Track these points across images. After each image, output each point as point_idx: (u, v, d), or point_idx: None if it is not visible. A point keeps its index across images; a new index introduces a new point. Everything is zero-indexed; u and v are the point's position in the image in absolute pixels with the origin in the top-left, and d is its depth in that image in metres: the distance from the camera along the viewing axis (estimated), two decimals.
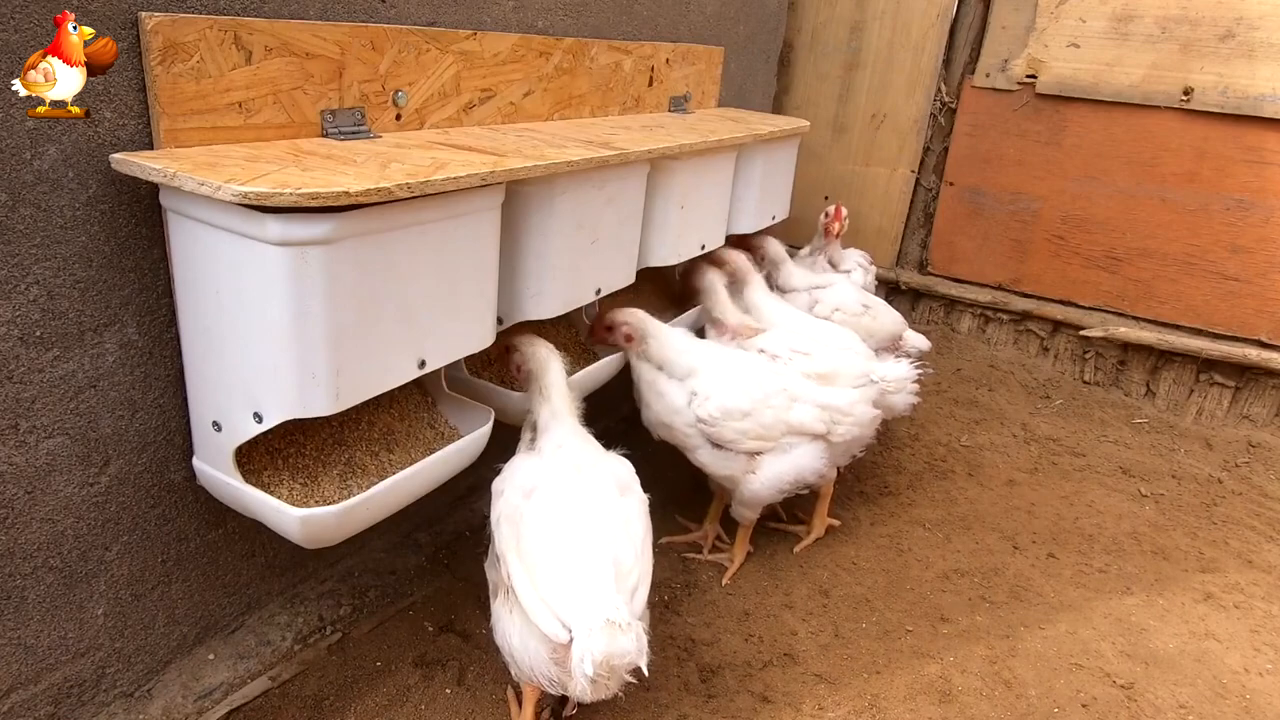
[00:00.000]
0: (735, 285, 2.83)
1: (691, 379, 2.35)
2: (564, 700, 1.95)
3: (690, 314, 2.82)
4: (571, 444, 1.93)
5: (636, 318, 2.42)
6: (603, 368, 2.40)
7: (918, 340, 3.24)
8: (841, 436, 2.38)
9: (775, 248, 3.22)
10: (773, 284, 3.17)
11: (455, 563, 2.43)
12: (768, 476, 2.33)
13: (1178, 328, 3.72)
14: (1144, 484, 3.24)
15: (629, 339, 2.42)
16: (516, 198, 1.93)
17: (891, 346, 3.13)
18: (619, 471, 1.91)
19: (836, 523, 2.77)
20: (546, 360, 2.06)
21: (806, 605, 2.40)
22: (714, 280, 2.76)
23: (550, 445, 1.92)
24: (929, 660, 2.24)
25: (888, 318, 3.12)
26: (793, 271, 3.19)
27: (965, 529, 2.85)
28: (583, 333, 2.58)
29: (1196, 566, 2.75)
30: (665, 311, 2.79)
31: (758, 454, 2.33)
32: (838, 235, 3.42)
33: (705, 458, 2.36)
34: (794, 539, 2.69)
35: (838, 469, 2.64)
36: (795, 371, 2.44)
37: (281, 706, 1.91)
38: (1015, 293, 4.08)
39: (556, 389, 2.03)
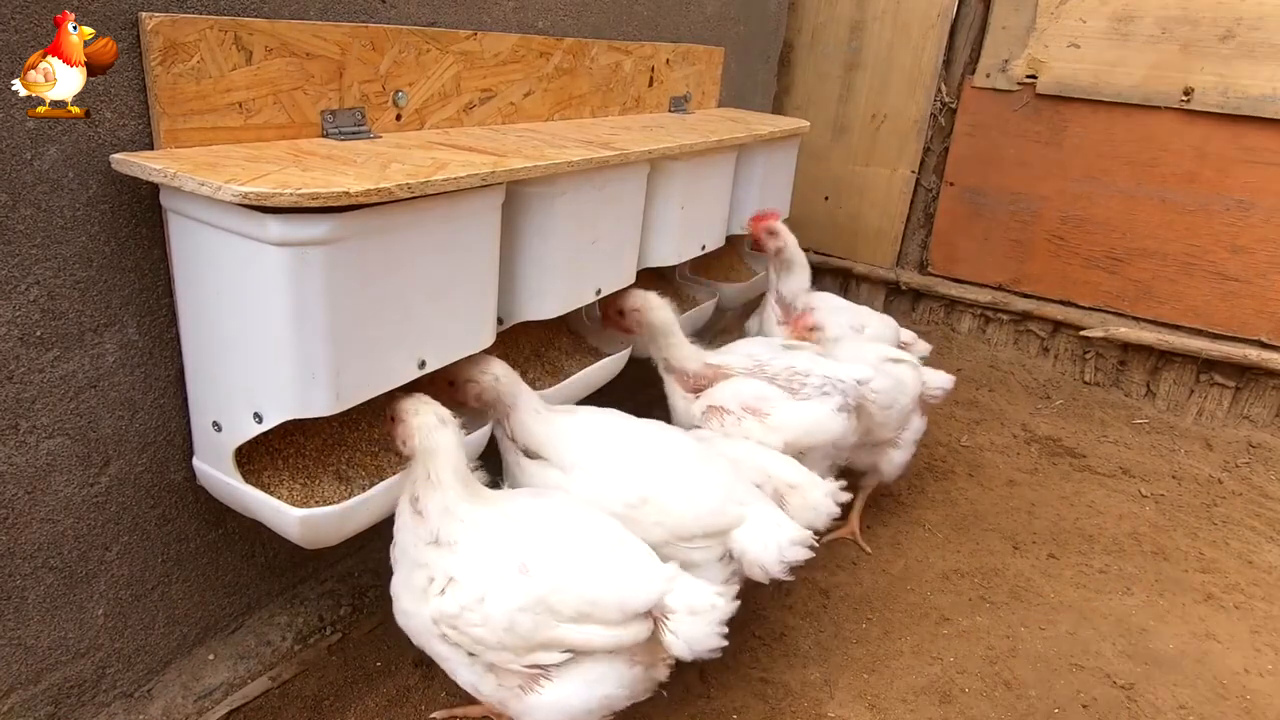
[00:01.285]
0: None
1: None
2: None
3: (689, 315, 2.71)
4: (489, 515, 1.64)
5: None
6: (601, 369, 2.40)
7: (941, 380, 2.81)
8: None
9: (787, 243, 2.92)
10: (774, 293, 2.93)
11: None
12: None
13: (1178, 328, 3.72)
14: (1144, 484, 3.24)
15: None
16: (517, 198, 1.93)
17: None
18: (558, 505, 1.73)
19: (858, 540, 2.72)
20: (434, 433, 1.61)
21: (806, 605, 2.40)
22: (665, 315, 2.32)
23: (467, 531, 1.60)
24: (929, 660, 2.24)
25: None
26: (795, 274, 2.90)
27: (965, 529, 2.85)
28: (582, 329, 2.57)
29: (1197, 567, 2.75)
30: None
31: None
32: (778, 253, 2.86)
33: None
34: None
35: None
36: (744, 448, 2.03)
37: (281, 707, 1.91)
38: (1015, 293, 4.08)
39: (450, 471, 1.61)
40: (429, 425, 1.61)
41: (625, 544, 1.68)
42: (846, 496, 2.10)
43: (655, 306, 2.32)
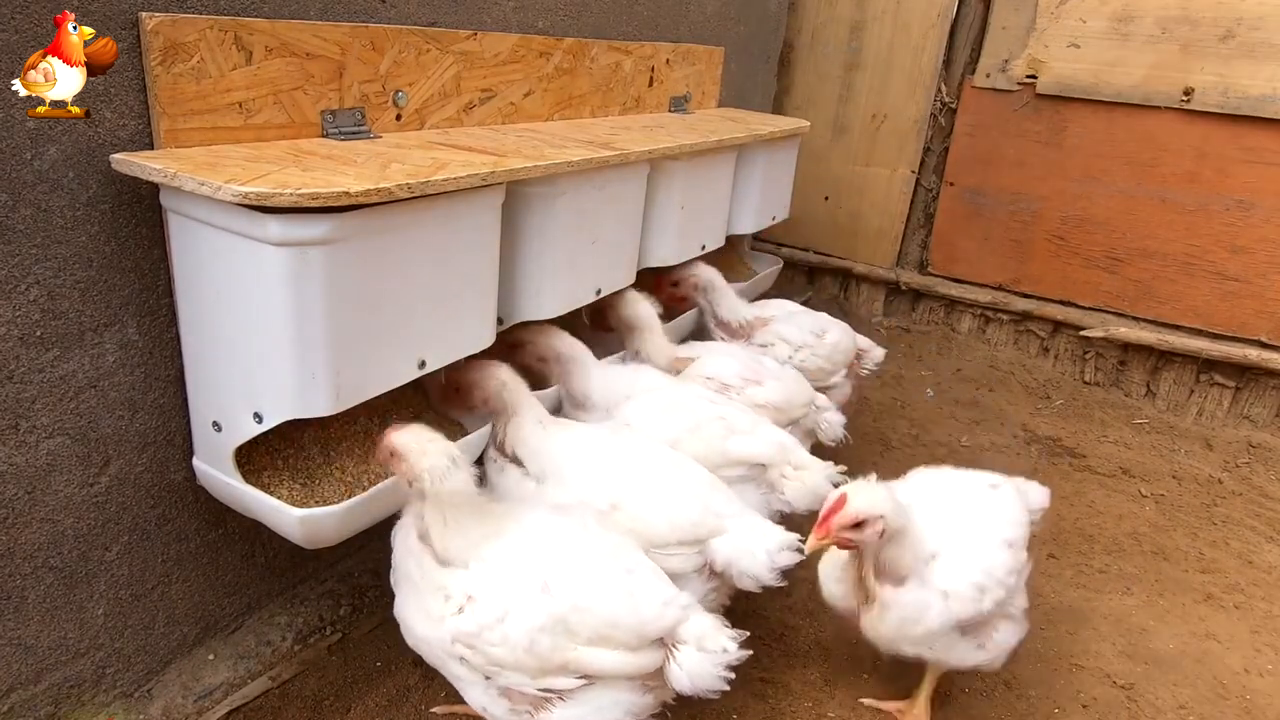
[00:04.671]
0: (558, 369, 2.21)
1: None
2: None
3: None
4: (506, 534, 1.63)
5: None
6: None
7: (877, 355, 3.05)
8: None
9: (709, 273, 2.79)
10: (712, 318, 2.83)
11: None
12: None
13: (1178, 328, 3.72)
14: (1144, 484, 3.24)
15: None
16: (517, 198, 1.93)
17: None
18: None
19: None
20: (447, 477, 1.55)
21: (807, 605, 2.40)
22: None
23: (484, 550, 1.59)
24: None
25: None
26: (725, 300, 2.80)
27: None
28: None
29: (1197, 567, 2.75)
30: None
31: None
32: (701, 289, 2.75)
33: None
34: None
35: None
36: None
37: (281, 707, 1.91)
38: (1015, 293, 4.08)
39: (465, 513, 1.58)
40: (440, 469, 1.53)
41: (644, 567, 1.65)
42: (843, 479, 2.11)
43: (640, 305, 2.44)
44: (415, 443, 1.55)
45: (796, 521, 2.05)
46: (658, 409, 2.14)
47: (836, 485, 2.09)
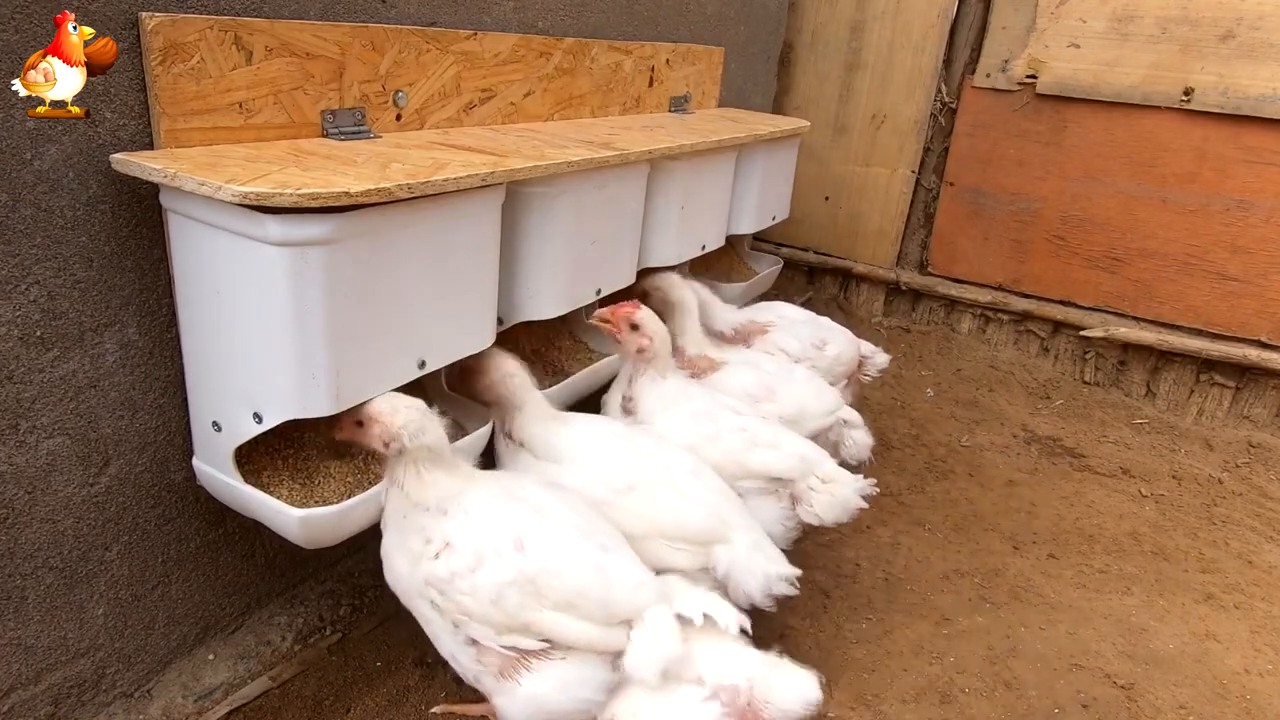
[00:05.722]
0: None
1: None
2: None
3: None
4: (490, 490, 1.68)
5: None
6: (600, 370, 2.39)
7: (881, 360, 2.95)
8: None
9: (681, 290, 2.55)
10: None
11: None
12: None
13: (1178, 328, 3.72)
14: (1144, 484, 3.24)
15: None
16: (517, 198, 1.93)
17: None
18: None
19: None
20: (423, 432, 1.58)
21: (807, 605, 2.40)
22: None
23: (466, 502, 1.63)
24: (929, 660, 2.24)
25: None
26: (711, 312, 2.70)
27: (965, 529, 2.85)
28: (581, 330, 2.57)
29: (1197, 567, 2.75)
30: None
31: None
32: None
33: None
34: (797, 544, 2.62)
35: None
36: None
37: (281, 707, 1.91)
38: (1015, 293, 4.08)
39: (440, 468, 1.62)
40: (416, 424, 1.57)
41: (620, 548, 1.68)
42: (875, 492, 2.11)
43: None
44: (385, 404, 1.58)
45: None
46: (682, 414, 2.13)
47: (867, 498, 2.10)
